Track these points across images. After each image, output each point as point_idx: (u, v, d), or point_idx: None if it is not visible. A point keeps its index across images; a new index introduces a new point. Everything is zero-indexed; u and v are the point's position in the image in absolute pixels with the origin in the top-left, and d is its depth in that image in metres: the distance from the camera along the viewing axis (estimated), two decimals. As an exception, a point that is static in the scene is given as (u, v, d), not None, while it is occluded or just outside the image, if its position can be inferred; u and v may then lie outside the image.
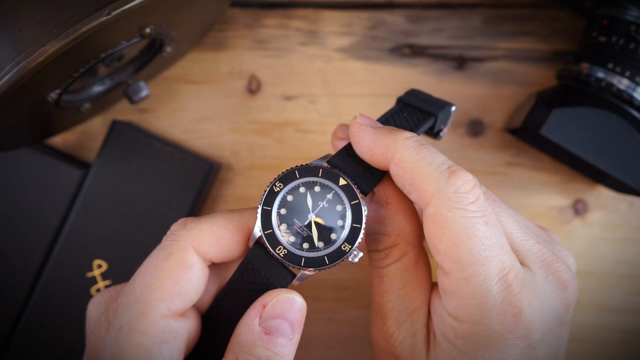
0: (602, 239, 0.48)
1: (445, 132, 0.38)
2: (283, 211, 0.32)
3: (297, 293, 0.32)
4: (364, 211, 0.32)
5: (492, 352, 0.31)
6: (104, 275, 0.46)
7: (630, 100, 0.41)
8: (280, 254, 0.32)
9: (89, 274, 0.46)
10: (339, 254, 0.32)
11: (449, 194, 0.30)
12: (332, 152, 0.35)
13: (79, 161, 0.48)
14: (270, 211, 0.32)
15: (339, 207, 0.32)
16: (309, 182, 0.33)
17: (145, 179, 0.46)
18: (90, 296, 0.45)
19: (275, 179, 0.33)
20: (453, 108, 0.37)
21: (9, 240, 0.46)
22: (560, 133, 0.41)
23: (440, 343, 0.33)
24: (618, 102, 0.42)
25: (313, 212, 0.32)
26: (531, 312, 0.31)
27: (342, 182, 0.32)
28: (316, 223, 0.32)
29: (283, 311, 0.31)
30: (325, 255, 0.32)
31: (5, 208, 0.46)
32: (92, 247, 0.45)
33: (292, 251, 0.32)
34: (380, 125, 0.34)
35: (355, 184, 0.33)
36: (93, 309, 0.34)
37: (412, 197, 0.32)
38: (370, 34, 0.49)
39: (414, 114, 0.36)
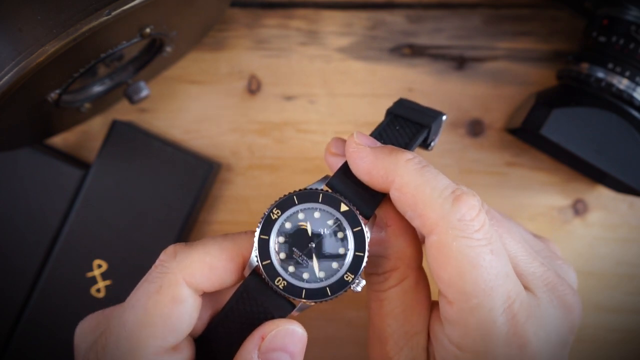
0: (602, 239, 0.48)
1: (436, 143, 0.36)
2: (281, 239, 0.31)
3: (297, 323, 0.31)
4: (367, 238, 0.31)
5: None
6: (104, 275, 0.46)
7: (630, 100, 0.41)
8: (280, 286, 0.30)
9: (89, 274, 0.46)
10: (342, 285, 0.30)
11: (453, 222, 0.29)
12: (326, 166, 0.34)
13: (79, 161, 0.48)
14: (268, 240, 0.31)
15: (340, 235, 0.31)
16: (309, 208, 0.31)
17: (145, 179, 0.46)
18: (90, 296, 0.45)
19: (272, 205, 0.31)
20: (444, 117, 0.35)
21: (9, 240, 0.46)
22: (560, 133, 0.41)
23: None
24: (618, 102, 0.42)
25: (313, 240, 0.31)
26: (537, 341, 0.30)
27: (343, 207, 0.31)
28: (317, 252, 0.31)
29: (283, 343, 0.30)
30: (327, 286, 0.30)
31: (5, 208, 0.46)
32: (92, 247, 0.45)
33: (292, 282, 0.30)
34: (379, 144, 0.32)
35: (356, 208, 0.31)
36: (80, 339, 0.33)
37: (415, 223, 0.31)
38: (370, 34, 0.49)
39: (407, 126, 0.34)
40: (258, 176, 0.48)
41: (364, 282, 0.31)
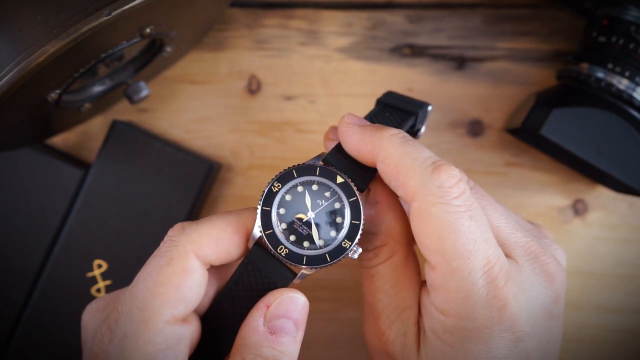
0: (602, 239, 0.48)
1: (423, 132, 0.38)
2: (282, 211, 0.33)
3: (299, 292, 0.32)
4: (362, 207, 0.32)
5: (479, 345, 0.31)
6: (104, 275, 0.46)
7: (630, 100, 0.41)
8: (282, 254, 0.32)
9: (89, 274, 0.46)
10: (340, 251, 0.32)
11: (432, 189, 0.31)
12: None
13: (79, 161, 0.48)
14: (270, 211, 0.32)
15: (337, 205, 0.33)
16: (307, 181, 0.33)
17: (145, 179, 0.46)
18: (90, 296, 0.45)
19: (273, 179, 0.33)
20: (430, 107, 0.37)
21: (9, 240, 0.46)
22: (560, 133, 0.41)
23: (430, 339, 0.33)
24: (618, 102, 0.42)
25: (312, 210, 0.33)
26: (516, 304, 0.31)
27: (339, 179, 0.33)
28: (315, 221, 0.32)
29: (287, 310, 0.32)
30: (327, 252, 0.32)
31: (5, 208, 0.46)
32: (92, 247, 0.45)
33: (294, 250, 0.32)
34: (368, 123, 0.34)
35: (352, 181, 0.33)
36: (89, 318, 0.34)
37: (398, 193, 0.32)
38: (370, 34, 0.49)
39: (395, 113, 0.36)
40: (258, 176, 0.48)
41: (360, 250, 0.32)
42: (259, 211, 0.32)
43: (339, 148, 0.34)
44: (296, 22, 0.49)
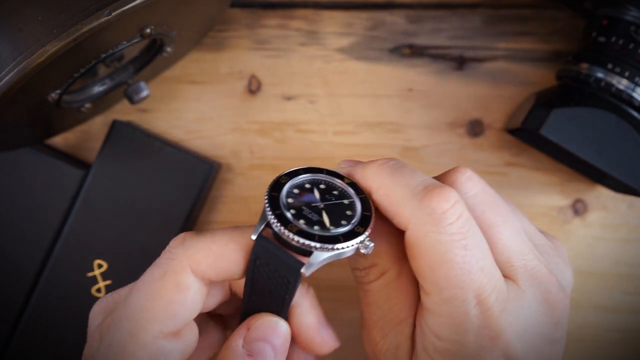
0: (601, 239, 0.48)
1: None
2: (290, 200, 0.31)
3: (282, 319, 0.32)
4: (372, 205, 0.32)
5: None
6: (104, 275, 0.46)
7: (629, 101, 0.42)
8: (292, 231, 0.30)
9: (89, 274, 0.46)
10: (353, 235, 0.30)
11: (423, 217, 0.30)
12: (324, 165, 0.35)
13: (79, 161, 0.48)
14: (278, 196, 0.31)
15: (346, 201, 0.32)
16: (314, 179, 0.32)
17: (145, 179, 0.46)
18: (90, 296, 0.45)
19: (280, 174, 0.32)
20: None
21: (10, 240, 0.46)
22: (560, 133, 0.41)
23: (421, 355, 0.33)
24: (617, 102, 0.42)
25: (323, 201, 0.32)
26: (512, 333, 0.31)
27: (347, 179, 0.33)
28: (326, 211, 0.31)
29: (265, 334, 0.32)
30: (340, 234, 0.30)
31: (5, 208, 0.46)
32: (92, 247, 0.45)
33: (304, 228, 0.30)
34: (360, 162, 0.34)
35: None
36: (92, 317, 0.34)
37: (394, 223, 0.32)
38: (370, 34, 0.49)
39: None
40: (258, 176, 0.48)
41: (372, 244, 0.31)
42: (266, 196, 0.31)
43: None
44: (296, 22, 0.49)
